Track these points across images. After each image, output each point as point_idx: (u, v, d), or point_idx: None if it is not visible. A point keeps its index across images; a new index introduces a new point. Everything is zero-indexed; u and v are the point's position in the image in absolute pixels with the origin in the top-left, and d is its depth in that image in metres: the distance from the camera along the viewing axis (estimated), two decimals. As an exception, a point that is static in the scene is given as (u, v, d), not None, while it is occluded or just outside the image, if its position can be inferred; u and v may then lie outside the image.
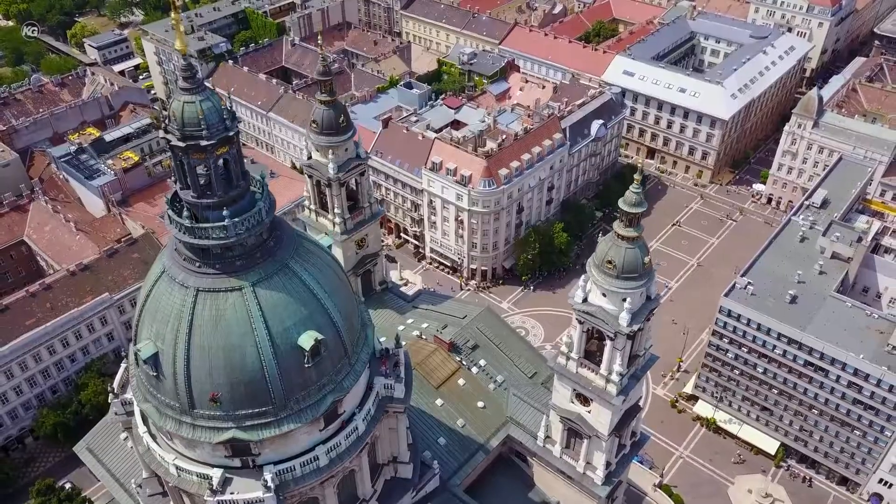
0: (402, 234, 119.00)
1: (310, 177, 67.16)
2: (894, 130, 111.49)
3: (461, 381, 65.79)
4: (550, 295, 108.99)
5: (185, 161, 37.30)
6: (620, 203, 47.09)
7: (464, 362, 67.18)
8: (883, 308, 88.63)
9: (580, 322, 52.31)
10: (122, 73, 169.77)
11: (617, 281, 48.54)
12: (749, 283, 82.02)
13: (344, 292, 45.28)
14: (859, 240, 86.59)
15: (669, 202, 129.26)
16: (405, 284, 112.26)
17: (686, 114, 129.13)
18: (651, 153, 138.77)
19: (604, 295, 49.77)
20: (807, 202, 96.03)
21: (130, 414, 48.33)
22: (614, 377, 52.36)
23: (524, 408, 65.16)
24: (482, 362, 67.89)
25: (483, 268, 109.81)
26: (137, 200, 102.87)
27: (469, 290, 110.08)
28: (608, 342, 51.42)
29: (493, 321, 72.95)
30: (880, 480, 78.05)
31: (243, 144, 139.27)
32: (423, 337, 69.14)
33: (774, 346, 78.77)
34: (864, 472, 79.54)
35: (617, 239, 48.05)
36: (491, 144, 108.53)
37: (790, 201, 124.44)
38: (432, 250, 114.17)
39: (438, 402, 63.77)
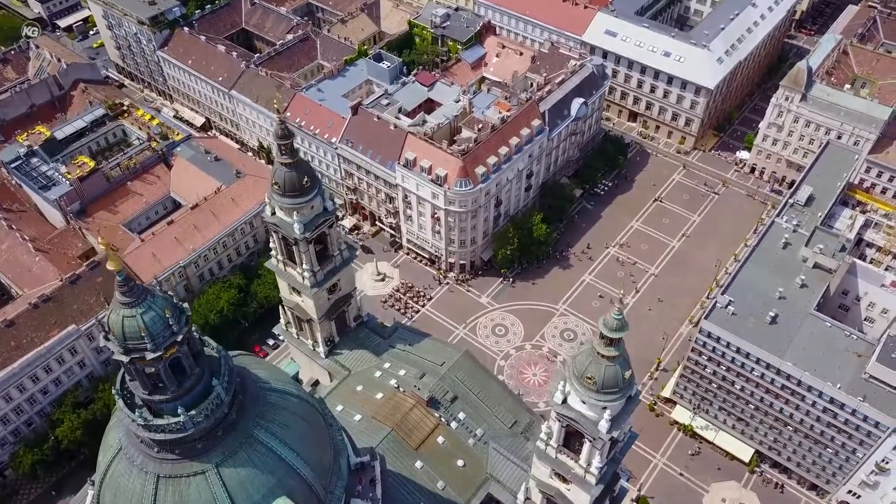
0: (377, 223, 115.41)
1: (275, 232, 63.74)
2: (884, 106, 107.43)
3: (440, 440, 65.38)
4: (530, 287, 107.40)
5: (132, 367, 34.34)
6: (601, 326, 44.91)
7: (443, 418, 66.53)
8: (861, 312, 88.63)
9: (559, 420, 51.38)
10: (69, 28, 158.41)
11: (597, 394, 47.23)
12: (730, 301, 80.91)
13: (313, 438, 43.51)
14: (843, 249, 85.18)
15: (651, 173, 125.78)
16: (382, 279, 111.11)
17: (670, 79, 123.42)
18: (633, 116, 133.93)
19: (583, 402, 48.56)
20: (791, 200, 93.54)
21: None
22: (593, 469, 52.17)
23: (504, 464, 65.39)
24: (461, 416, 67.33)
25: (461, 261, 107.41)
26: (97, 209, 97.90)
27: (448, 283, 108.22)
28: (587, 441, 50.78)
29: (471, 367, 71.77)
30: (849, 491, 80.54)
31: (206, 123, 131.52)
32: (402, 389, 68.10)
33: (753, 369, 78.82)
34: (834, 482, 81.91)
35: (597, 356, 46.24)
36: (466, 133, 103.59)
37: (774, 172, 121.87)
38: (409, 241, 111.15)
39: (418, 464, 63.56)
